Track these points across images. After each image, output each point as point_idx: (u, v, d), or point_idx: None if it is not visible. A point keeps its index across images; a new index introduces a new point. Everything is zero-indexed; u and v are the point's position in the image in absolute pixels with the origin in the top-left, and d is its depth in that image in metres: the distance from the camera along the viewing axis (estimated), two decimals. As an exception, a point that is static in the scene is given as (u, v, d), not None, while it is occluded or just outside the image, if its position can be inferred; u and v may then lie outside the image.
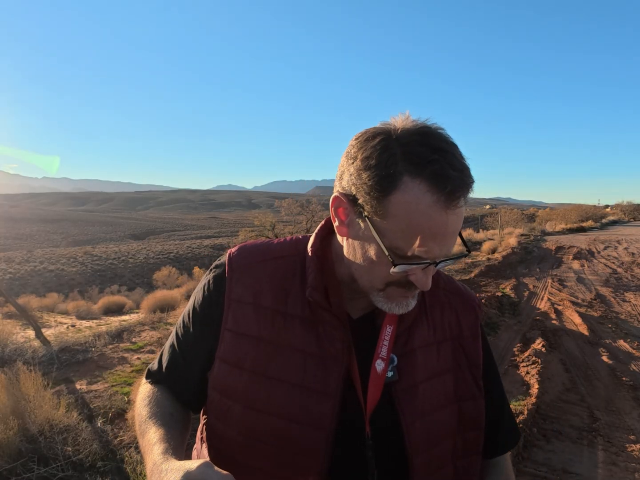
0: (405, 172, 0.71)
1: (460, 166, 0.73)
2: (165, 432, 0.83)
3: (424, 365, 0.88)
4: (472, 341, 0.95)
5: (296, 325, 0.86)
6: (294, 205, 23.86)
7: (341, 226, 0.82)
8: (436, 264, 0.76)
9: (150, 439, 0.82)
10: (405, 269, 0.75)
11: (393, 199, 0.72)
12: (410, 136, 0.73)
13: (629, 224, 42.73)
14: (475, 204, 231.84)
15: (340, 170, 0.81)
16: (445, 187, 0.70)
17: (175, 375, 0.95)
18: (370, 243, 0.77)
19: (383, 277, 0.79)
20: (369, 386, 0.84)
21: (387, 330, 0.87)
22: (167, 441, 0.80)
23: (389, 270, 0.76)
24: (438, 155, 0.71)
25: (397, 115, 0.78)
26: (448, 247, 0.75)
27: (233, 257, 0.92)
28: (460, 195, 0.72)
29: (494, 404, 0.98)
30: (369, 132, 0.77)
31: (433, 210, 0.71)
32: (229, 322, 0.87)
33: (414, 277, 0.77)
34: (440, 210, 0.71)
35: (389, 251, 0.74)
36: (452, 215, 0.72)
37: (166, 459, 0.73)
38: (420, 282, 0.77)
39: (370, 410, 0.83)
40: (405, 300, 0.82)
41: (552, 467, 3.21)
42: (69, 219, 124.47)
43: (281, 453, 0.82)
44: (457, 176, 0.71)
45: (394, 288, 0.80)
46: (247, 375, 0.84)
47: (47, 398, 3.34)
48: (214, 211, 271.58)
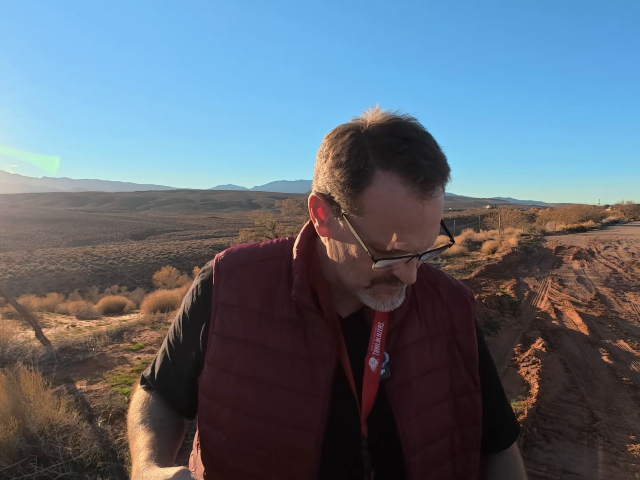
0: (376, 166, 0.70)
1: (432, 155, 0.71)
2: (152, 439, 0.84)
3: (417, 361, 0.87)
4: (466, 335, 0.94)
5: (283, 327, 0.85)
6: (294, 205, 23.86)
7: (321, 226, 0.81)
8: (419, 257, 0.75)
9: (138, 445, 0.83)
10: (387, 264, 0.75)
11: (367, 194, 0.71)
12: (379, 129, 0.72)
13: (629, 224, 42.72)
14: (475, 204, 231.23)
15: (315, 170, 0.80)
16: (417, 177, 0.69)
17: (166, 381, 0.96)
18: (350, 241, 0.77)
19: (367, 274, 0.78)
20: (363, 385, 0.83)
21: (378, 327, 0.86)
22: (153, 448, 0.80)
23: (371, 267, 0.75)
24: (408, 145, 0.70)
25: (368, 110, 0.76)
26: (429, 239, 0.74)
27: (220, 261, 0.92)
28: (435, 184, 0.70)
29: (492, 398, 0.97)
30: (339, 129, 0.76)
31: (408, 202, 0.69)
32: (216, 326, 0.87)
33: (398, 272, 0.76)
34: (415, 202, 0.69)
35: (369, 247, 0.73)
36: (429, 205, 0.70)
37: (148, 465, 0.74)
38: (405, 276, 0.76)
39: (367, 409, 0.82)
40: (390, 298, 0.81)
41: (552, 467, 3.21)
42: (69, 219, 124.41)
43: (272, 457, 0.81)
44: (429, 165, 0.70)
45: (379, 285, 0.79)
46: (235, 378, 0.83)
47: (47, 398, 3.34)
48: (214, 211, 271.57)
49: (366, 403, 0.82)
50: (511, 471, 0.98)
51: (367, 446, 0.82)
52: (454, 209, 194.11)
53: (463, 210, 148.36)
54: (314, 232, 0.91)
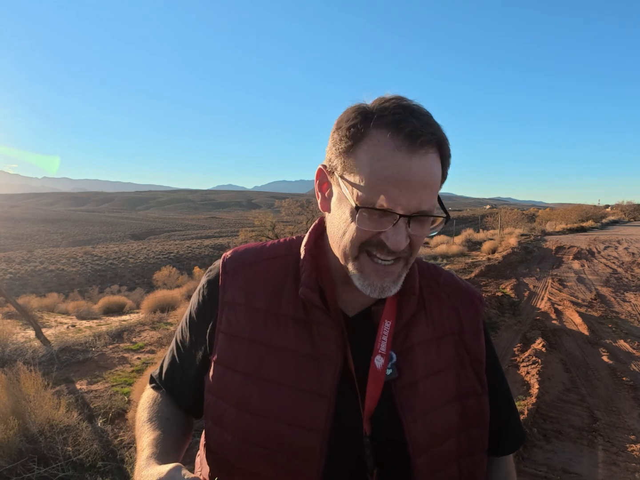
0: (370, 125, 0.74)
1: (426, 120, 0.74)
2: (156, 437, 0.84)
3: (424, 361, 0.87)
4: (473, 336, 0.93)
5: (289, 325, 0.85)
6: (294, 205, 23.84)
7: (324, 202, 0.84)
8: (407, 221, 0.74)
9: (142, 444, 0.83)
10: (373, 221, 0.74)
11: (359, 150, 0.74)
12: (381, 101, 0.77)
13: (629, 224, 42.71)
14: (475, 204, 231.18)
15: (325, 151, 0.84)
16: (404, 129, 0.72)
17: (173, 380, 0.97)
18: (345, 205, 0.77)
19: (355, 238, 0.77)
20: (368, 383, 0.82)
21: (385, 325, 0.85)
22: (155, 446, 0.81)
23: (360, 228, 0.75)
24: (403, 110, 0.74)
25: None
26: (418, 201, 0.73)
27: (227, 260, 0.93)
28: (424, 139, 0.72)
29: (500, 401, 0.96)
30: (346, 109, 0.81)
31: (395, 155, 0.72)
32: (222, 324, 0.87)
33: (384, 236, 0.75)
34: (402, 155, 0.71)
35: (357, 202, 0.74)
36: (417, 161, 0.72)
37: (148, 464, 0.75)
38: (391, 240, 0.75)
39: (371, 407, 0.82)
40: (380, 281, 0.78)
41: (552, 467, 3.21)
42: (69, 219, 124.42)
43: (277, 456, 0.81)
44: (420, 123, 0.73)
45: (366, 258, 0.78)
46: (240, 377, 0.84)
47: (48, 398, 3.34)
48: (214, 211, 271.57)
49: (370, 401, 0.82)
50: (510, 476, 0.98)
51: (370, 444, 0.81)
52: (454, 209, 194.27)
53: (463, 210, 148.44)
54: (322, 232, 0.92)
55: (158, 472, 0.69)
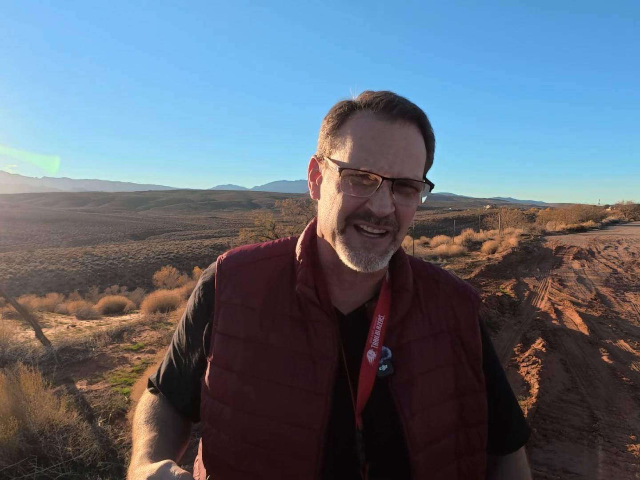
0: (356, 107, 0.82)
1: (406, 100, 0.81)
2: (152, 438, 0.84)
3: (421, 358, 0.87)
4: (469, 333, 0.93)
5: (285, 324, 0.85)
6: (294, 205, 23.83)
7: (315, 189, 0.89)
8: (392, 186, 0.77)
9: (137, 445, 0.84)
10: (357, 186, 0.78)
11: (344, 126, 0.81)
12: (366, 93, 0.84)
13: (629, 224, 42.70)
14: (475, 204, 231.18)
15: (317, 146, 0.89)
16: (383, 100, 0.79)
17: (171, 383, 0.97)
18: (332, 181, 0.82)
19: (342, 209, 0.79)
20: (359, 377, 0.82)
21: (378, 320, 0.86)
22: (150, 446, 0.81)
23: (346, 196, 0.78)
24: (385, 94, 0.81)
25: None
26: (401, 167, 0.77)
27: (222, 262, 0.94)
28: (401, 108, 0.78)
29: (500, 397, 0.96)
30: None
31: (376, 124, 0.78)
32: (219, 325, 0.88)
33: (369, 202, 0.78)
34: (384, 123, 0.77)
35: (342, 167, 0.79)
36: (399, 129, 0.77)
37: (141, 462, 0.75)
38: (375, 205, 0.77)
39: (362, 401, 0.82)
40: (366, 253, 0.79)
41: (553, 467, 3.21)
42: (69, 219, 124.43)
43: (273, 455, 0.81)
44: (398, 99, 0.80)
45: (353, 230, 0.80)
46: (237, 376, 0.84)
47: (48, 398, 3.34)
48: (214, 211, 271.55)
49: (362, 395, 0.82)
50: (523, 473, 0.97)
51: (362, 439, 0.81)
52: (454, 209, 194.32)
53: (463, 210, 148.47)
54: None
55: (149, 469, 0.69)
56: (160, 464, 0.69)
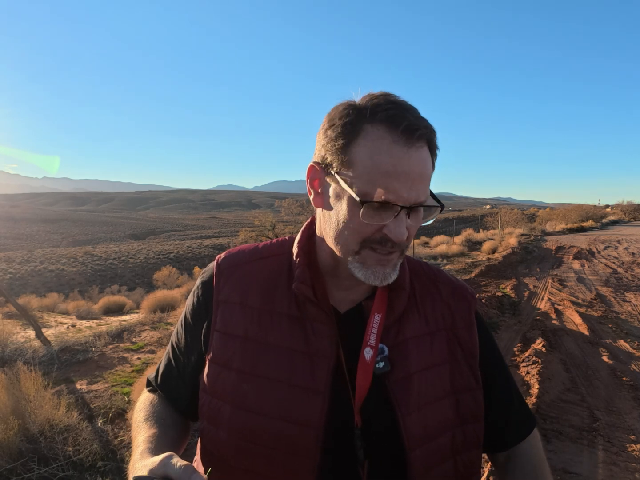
0: (365, 120, 0.77)
1: (416, 114, 0.78)
2: (152, 435, 0.84)
3: (417, 356, 0.87)
4: (466, 331, 0.94)
5: (283, 323, 0.86)
6: (294, 205, 23.84)
7: (317, 197, 0.85)
8: (408, 212, 0.77)
9: (138, 442, 0.84)
10: (375, 215, 0.76)
11: (355, 146, 0.77)
12: (370, 97, 0.80)
13: (629, 224, 42.70)
14: (475, 204, 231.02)
15: (315, 148, 0.85)
16: (401, 124, 0.75)
17: (169, 382, 0.97)
18: (342, 200, 0.79)
19: (357, 234, 0.79)
20: (357, 374, 0.83)
21: (375, 318, 0.87)
22: (151, 442, 0.81)
23: (361, 223, 0.77)
24: (393, 105, 0.77)
25: None
26: (417, 192, 0.76)
27: (221, 261, 0.94)
28: (419, 132, 0.76)
29: (497, 394, 0.96)
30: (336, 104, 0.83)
31: (393, 149, 0.74)
32: (217, 323, 0.88)
33: (387, 229, 0.77)
34: (401, 148, 0.74)
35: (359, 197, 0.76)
36: (414, 153, 0.75)
37: (142, 457, 0.75)
38: (394, 232, 0.77)
39: (360, 398, 0.82)
40: (382, 269, 0.81)
41: (553, 467, 3.21)
42: (69, 219, 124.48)
43: (272, 453, 0.81)
44: (413, 117, 0.76)
45: (369, 252, 0.80)
46: (235, 375, 0.84)
47: (48, 398, 3.34)
48: (214, 211, 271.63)
49: (360, 392, 0.82)
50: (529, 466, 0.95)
51: (361, 436, 0.82)
52: (454, 209, 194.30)
53: (463, 210, 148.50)
54: (314, 230, 0.93)
55: (151, 462, 0.69)
56: (162, 457, 0.69)
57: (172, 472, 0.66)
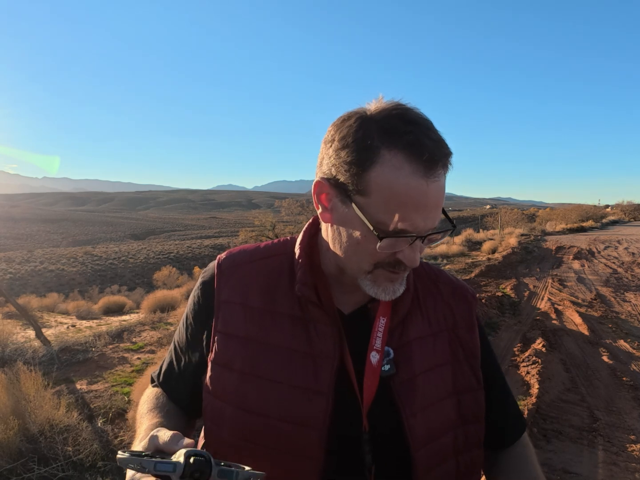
0: (381, 146, 0.72)
1: (435, 137, 0.73)
2: (155, 423, 0.85)
3: (421, 357, 0.88)
4: (467, 332, 0.94)
5: (285, 323, 0.86)
6: (294, 205, 23.84)
7: (325, 212, 0.82)
8: (423, 239, 0.76)
9: (140, 431, 0.85)
10: (391, 244, 0.75)
11: (372, 173, 0.72)
12: (384, 112, 0.75)
13: (629, 224, 42.69)
14: (475, 204, 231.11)
15: (320, 158, 0.81)
16: (422, 155, 0.71)
17: (170, 381, 0.98)
18: (354, 224, 0.77)
19: (370, 257, 0.78)
20: (364, 379, 0.83)
21: (380, 322, 0.86)
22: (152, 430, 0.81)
23: (375, 249, 0.75)
24: (412, 127, 0.72)
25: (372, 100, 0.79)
26: (432, 220, 0.75)
27: (222, 261, 0.94)
28: (439, 162, 0.72)
29: (497, 394, 0.97)
30: (345, 115, 0.78)
31: (413, 180, 0.71)
32: (218, 324, 0.88)
33: (402, 255, 0.77)
34: (419, 180, 0.71)
35: (374, 227, 0.74)
36: (433, 184, 0.72)
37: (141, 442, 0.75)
38: (408, 259, 0.77)
39: (368, 403, 0.82)
40: (392, 286, 0.81)
41: (553, 467, 3.21)
42: (69, 219, 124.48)
43: (275, 455, 0.81)
44: (433, 145, 0.72)
45: (381, 271, 0.80)
46: (237, 375, 0.84)
47: (48, 398, 3.34)
48: (214, 211, 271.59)
49: (367, 397, 0.82)
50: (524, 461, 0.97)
51: (369, 440, 0.82)
52: (454, 209, 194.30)
53: (463, 210, 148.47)
54: (316, 231, 0.93)
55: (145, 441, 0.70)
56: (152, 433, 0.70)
57: (160, 443, 0.67)
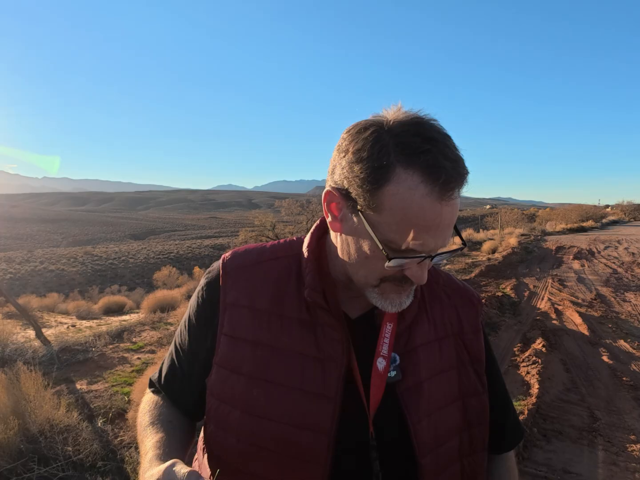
0: (397, 164, 0.70)
1: (453, 156, 0.71)
2: (159, 440, 0.83)
3: (427, 363, 0.87)
4: (473, 337, 0.94)
5: (293, 327, 0.84)
6: (294, 205, 23.84)
7: (334, 222, 0.80)
8: (432, 258, 0.75)
9: (145, 447, 0.83)
10: (400, 263, 0.74)
11: (386, 191, 0.70)
12: (402, 127, 0.72)
13: (629, 224, 42.70)
14: (475, 204, 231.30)
15: (332, 165, 0.79)
16: (439, 178, 0.68)
17: (173, 384, 0.96)
18: (364, 238, 0.76)
19: (378, 272, 0.77)
20: (371, 385, 0.82)
21: (387, 328, 0.86)
22: (159, 448, 0.80)
23: (383, 265, 0.74)
24: (431, 146, 0.70)
25: (390, 107, 0.76)
26: (443, 240, 0.74)
27: (227, 261, 0.91)
28: (455, 186, 0.70)
29: (498, 400, 0.97)
30: (361, 124, 0.75)
31: (427, 202, 0.69)
32: (225, 327, 0.86)
33: (410, 272, 0.76)
34: (434, 202, 0.69)
35: (384, 245, 0.73)
36: (447, 206, 0.70)
37: (151, 465, 0.75)
38: (416, 277, 0.76)
39: (374, 409, 0.82)
40: (399, 299, 0.81)
41: (553, 467, 3.21)
42: (69, 219, 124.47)
43: (282, 459, 0.81)
44: (450, 166, 0.70)
45: (388, 284, 0.79)
46: (245, 379, 0.83)
47: (48, 398, 3.34)
48: (214, 211, 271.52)
49: (373, 403, 0.82)
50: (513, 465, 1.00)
51: (376, 447, 0.81)
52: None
53: (463, 210, 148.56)
54: (324, 232, 0.91)
55: (157, 470, 0.69)
56: (166, 465, 0.68)
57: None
